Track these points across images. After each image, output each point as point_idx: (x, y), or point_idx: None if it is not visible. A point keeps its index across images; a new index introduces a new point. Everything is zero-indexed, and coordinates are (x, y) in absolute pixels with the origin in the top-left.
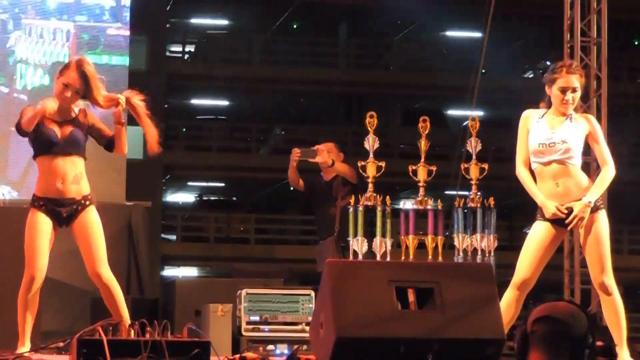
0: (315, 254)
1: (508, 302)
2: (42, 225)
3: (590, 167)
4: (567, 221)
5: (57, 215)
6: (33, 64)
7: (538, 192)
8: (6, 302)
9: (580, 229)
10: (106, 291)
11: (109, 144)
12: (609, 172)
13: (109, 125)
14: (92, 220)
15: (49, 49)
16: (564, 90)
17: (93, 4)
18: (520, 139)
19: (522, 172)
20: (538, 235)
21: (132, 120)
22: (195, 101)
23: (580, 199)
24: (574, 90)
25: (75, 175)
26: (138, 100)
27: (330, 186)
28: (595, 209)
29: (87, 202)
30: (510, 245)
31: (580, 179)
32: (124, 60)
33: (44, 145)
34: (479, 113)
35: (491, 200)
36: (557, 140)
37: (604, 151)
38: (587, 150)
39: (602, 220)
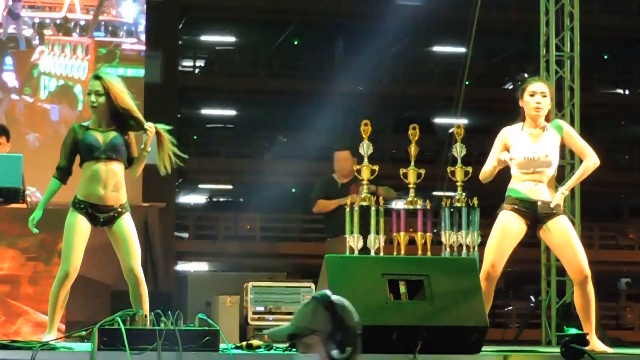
0: (326, 250)
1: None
2: (81, 226)
3: (565, 169)
4: (552, 205)
5: (95, 219)
6: (55, 76)
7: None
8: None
9: (545, 235)
10: (135, 287)
11: (129, 162)
12: (589, 163)
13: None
14: (128, 225)
15: (69, 62)
16: (533, 94)
17: (110, 22)
18: (493, 151)
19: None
20: (503, 225)
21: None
22: (205, 111)
23: (547, 201)
24: (543, 95)
25: (116, 183)
26: (163, 129)
27: (346, 189)
28: (557, 213)
29: (123, 210)
30: None
31: (552, 187)
32: (138, 73)
33: (87, 151)
34: (463, 121)
35: (475, 200)
36: (542, 154)
37: (582, 145)
38: (562, 154)
39: (567, 221)
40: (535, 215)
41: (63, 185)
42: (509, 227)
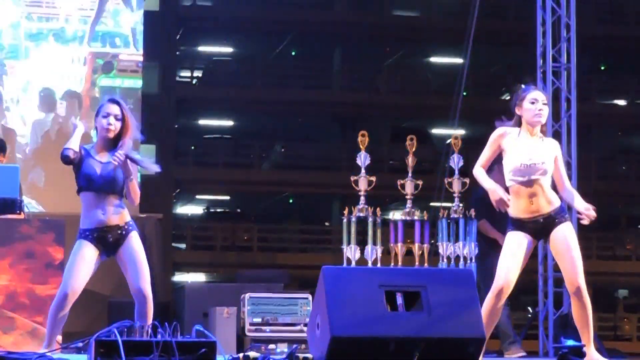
0: None
1: (490, 309)
2: (85, 252)
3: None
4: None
5: (104, 242)
6: (52, 87)
7: (489, 181)
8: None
9: (550, 243)
10: (142, 305)
11: (127, 192)
12: (572, 190)
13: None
14: (137, 244)
15: (66, 73)
16: (534, 101)
17: (108, 32)
18: (488, 148)
19: (478, 169)
20: (513, 244)
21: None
22: (202, 121)
23: (547, 213)
24: (544, 103)
25: (116, 207)
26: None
27: None
28: (561, 221)
29: (130, 228)
30: None
31: (550, 196)
32: (136, 84)
33: (85, 181)
34: (460, 132)
35: (472, 212)
36: (538, 162)
37: (565, 175)
38: None
39: (570, 230)
40: (540, 228)
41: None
42: (518, 245)
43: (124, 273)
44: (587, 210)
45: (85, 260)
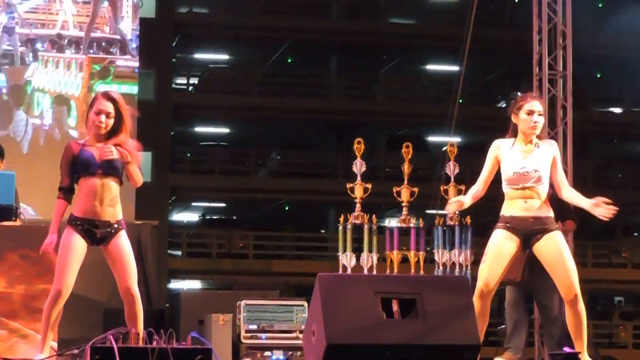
0: None
1: (477, 312)
2: (76, 245)
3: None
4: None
5: (92, 236)
6: (49, 92)
7: (463, 198)
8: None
9: (538, 251)
10: (131, 305)
11: (128, 176)
12: (571, 191)
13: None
14: (124, 243)
15: (63, 79)
16: (530, 113)
17: (104, 38)
18: (486, 162)
19: (472, 188)
20: (497, 242)
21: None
22: (199, 129)
23: (539, 217)
24: (540, 114)
25: (112, 198)
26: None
27: None
28: (552, 228)
29: (120, 227)
30: None
31: (545, 203)
32: (132, 90)
33: (84, 166)
34: (456, 139)
35: (468, 219)
36: (530, 170)
37: (563, 175)
38: None
39: (561, 239)
40: (527, 231)
41: (68, 204)
42: (501, 245)
43: (112, 270)
44: (597, 207)
45: (75, 255)
